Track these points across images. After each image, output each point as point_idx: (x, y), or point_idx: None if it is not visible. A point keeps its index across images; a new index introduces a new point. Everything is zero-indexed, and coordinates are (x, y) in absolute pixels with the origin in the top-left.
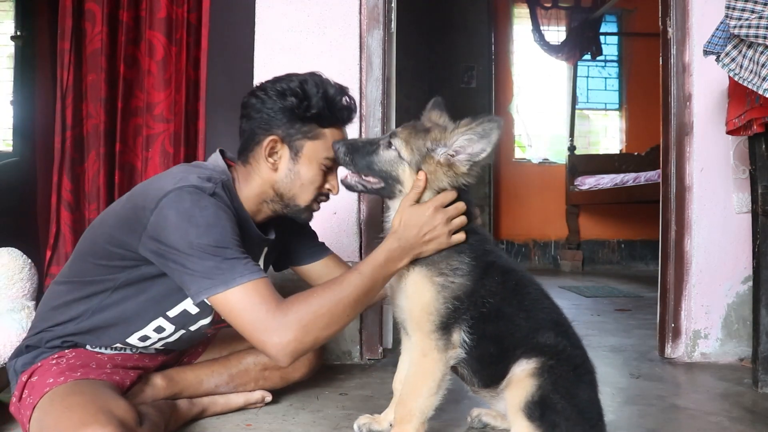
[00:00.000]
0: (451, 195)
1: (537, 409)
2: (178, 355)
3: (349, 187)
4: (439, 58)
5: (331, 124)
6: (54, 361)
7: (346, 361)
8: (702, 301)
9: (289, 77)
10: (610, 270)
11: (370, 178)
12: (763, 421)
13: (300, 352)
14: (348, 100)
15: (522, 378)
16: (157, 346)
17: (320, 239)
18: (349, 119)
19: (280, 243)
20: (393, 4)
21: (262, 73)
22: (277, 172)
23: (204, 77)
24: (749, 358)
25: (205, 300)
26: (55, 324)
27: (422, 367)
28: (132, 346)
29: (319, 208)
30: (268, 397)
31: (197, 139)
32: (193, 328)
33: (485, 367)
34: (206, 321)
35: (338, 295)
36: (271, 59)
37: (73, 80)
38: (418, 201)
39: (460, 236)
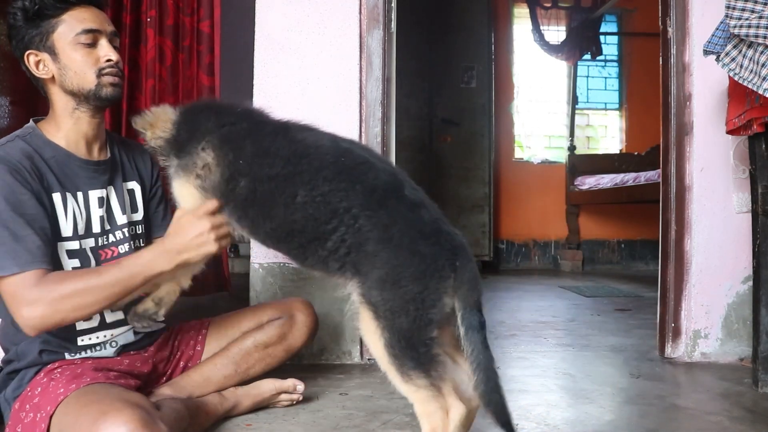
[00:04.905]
0: (214, 204)
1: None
2: (165, 356)
3: None
4: (439, 58)
5: (63, 10)
6: (45, 379)
7: (346, 361)
8: (702, 301)
9: None
10: (610, 270)
11: None
12: (763, 421)
13: (46, 327)
14: None
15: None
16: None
17: None
18: None
19: (140, 177)
20: (393, 4)
21: (262, 74)
22: (56, 79)
23: (218, 83)
24: (749, 358)
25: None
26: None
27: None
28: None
29: (115, 80)
30: (300, 385)
31: None
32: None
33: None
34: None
35: (93, 283)
36: (271, 59)
37: None
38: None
39: (227, 241)
